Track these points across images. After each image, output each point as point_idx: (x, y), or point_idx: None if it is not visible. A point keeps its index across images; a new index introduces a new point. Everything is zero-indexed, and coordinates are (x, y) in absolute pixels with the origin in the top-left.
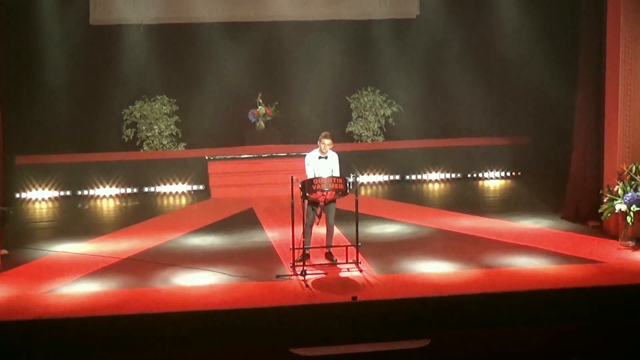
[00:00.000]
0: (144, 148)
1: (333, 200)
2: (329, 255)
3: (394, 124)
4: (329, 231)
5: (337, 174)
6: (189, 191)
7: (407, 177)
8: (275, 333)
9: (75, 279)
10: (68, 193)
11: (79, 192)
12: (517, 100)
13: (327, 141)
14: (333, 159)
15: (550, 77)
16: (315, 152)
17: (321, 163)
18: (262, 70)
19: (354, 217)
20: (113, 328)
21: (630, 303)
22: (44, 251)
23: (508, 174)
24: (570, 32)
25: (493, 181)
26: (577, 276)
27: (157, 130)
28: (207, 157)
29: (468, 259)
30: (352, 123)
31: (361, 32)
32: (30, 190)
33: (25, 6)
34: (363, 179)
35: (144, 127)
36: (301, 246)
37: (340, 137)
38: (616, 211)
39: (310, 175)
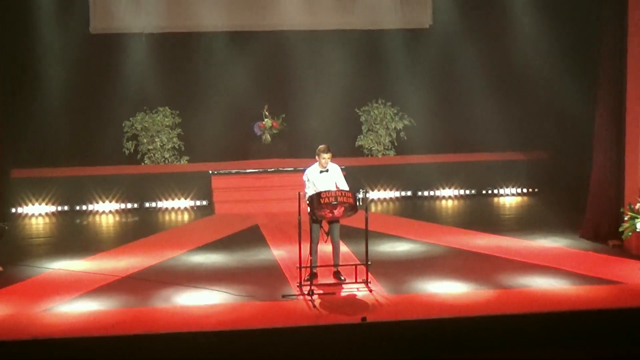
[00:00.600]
0: (145, 161)
1: (337, 220)
2: (337, 274)
3: (405, 137)
4: (336, 249)
5: (345, 186)
6: (191, 207)
7: (420, 193)
8: (281, 355)
9: (72, 297)
10: (66, 208)
11: (77, 207)
12: (534, 113)
13: (327, 155)
14: (335, 171)
15: (569, 90)
16: (315, 167)
17: (323, 177)
18: (269, 81)
19: (364, 235)
20: (111, 349)
21: None
22: (40, 268)
23: (525, 190)
24: (590, 43)
25: (509, 198)
26: (597, 297)
27: (158, 143)
28: (210, 172)
29: (483, 279)
30: (362, 137)
31: (372, 42)
32: (27, 204)
33: (23, 14)
34: (373, 195)
35: (145, 140)
36: (308, 265)
37: (350, 151)
38: (638, 230)
39: (309, 192)
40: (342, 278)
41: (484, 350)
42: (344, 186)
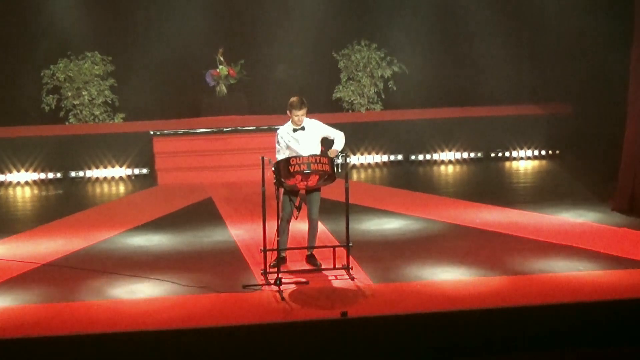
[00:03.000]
0: (70, 120)
1: (317, 189)
2: (311, 259)
3: (394, 88)
4: (312, 228)
5: (338, 137)
6: (128, 176)
7: (413, 157)
8: (242, 359)
9: None
10: None
11: None
12: (555, 59)
13: (300, 112)
14: (314, 127)
15: (597, 31)
16: (289, 125)
17: (299, 137)
18: (224, 20)
19: (343, 210)
20: (30, 354)
21: None
22: None
23: (543, 152)
24: None
25: (524, 162)
26: (632, 285)
27: (86, 97)
28: (152, 132)
29: (492, 263)
30: (340, 87)
31: None
32: None
33: None
34: (355, 159)
35: (69, 93)
36: (275, 247)
37: (326, 105)
38: None
39: (281, 156)
40: (318, 264)
41: (493, 351)
42: (336, 134)
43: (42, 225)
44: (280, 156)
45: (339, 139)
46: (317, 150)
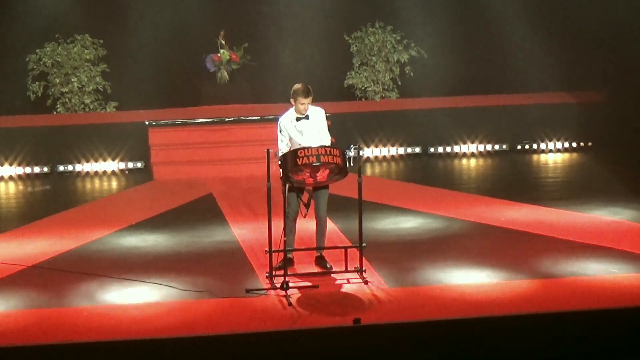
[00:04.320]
0: (58, 109)
1: (326, 185)
2: (320, 261)
3: (412, 74)
4: (320, 227)
5: (325, 138)
6: (121, 170)
7: (432, 149)
8: None
9: None
10: None
11: None
12: (588, 42)
13: (305, 100)
14: (318, 117)
15: (636, 15)
16: (291, 113)
17: (302, 127)
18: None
19: (356, 207)
20: None
21: None
22: None
23: (575, 144)
24: None
25: (553, 155)
26: None
27: (76, 84)
28: (147, 122)
29: (517, 265)
30: (353, 73)
31: None
32: None
33: None
34: (368, 152)
35: (57, 80)
36: (281, 248)
37: (337, 92)
38: None
39: (283, 148)
40: (328, 266)
41: None
42: (324, 136)
43: (28, 224)
44: (283, 147)
45: (323, 142)
46: (323, 141)
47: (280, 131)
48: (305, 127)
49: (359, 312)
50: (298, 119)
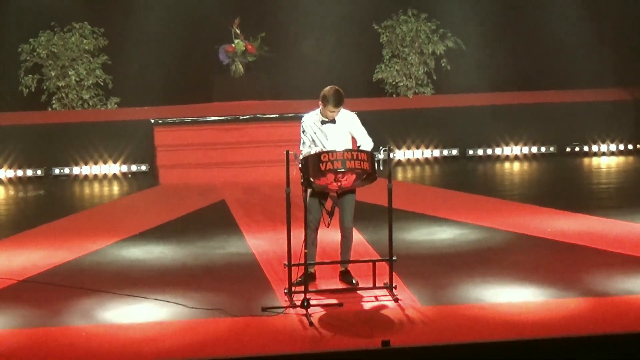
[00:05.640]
0: (54, 105)
1: (352, 190)
2: (345, 276)
3: (449, 67)
4: (346, 238)
5: (366, 141)
6: (124, 174)
7: (470, 151)
8: None
9: None
10: None
11: None
12: None
13: (336, 109)
14: (347, 121)
15: None
16: (317, 114)
17: (327, 131)
18: None
19: (385, 216)
20: None
21: None
22: None
23: (630, 146)
24: None
25: (606, 158)
26: None
27: (74, 78)
28: (152, 121)
29: (566, 281)
30: (382, 66)
31: None
32: None
33: None
34: (400, 154)
35: (53, 73)
36: (302, 261)
37: (365, 88)
38: None
39: (305, 150)
40: (354, 282)
41: None
42: (365, 140)
43: (19, 234)
44: (305, 149)
45: (365, 148)
46: (348, 146)
47: (303, 131)
48: (330, 131)
49: (388, 334)
50: (323, 122)
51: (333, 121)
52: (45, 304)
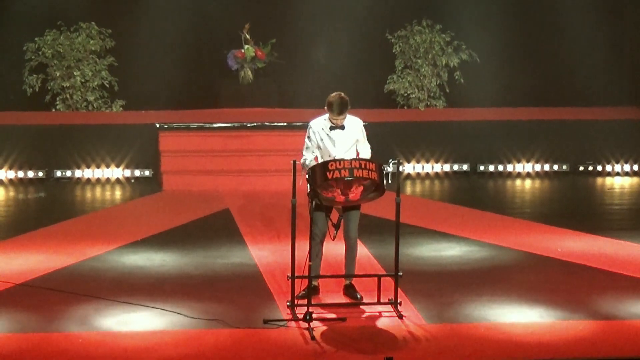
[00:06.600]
0: (58, 107)
1: (357, 204)
2: (349, 290)
3: (462, 80)
4: (350, 250)
5: (365, 152)
6: (127, 178)
7: (481, 167)
8: None
9: None
10: None
11: None
12: None
13: (340, 117)
14: (355, 128)
15: None
16: (325, 120)
17: (335, 137)
18: None
19: (392, 230)
20: None
21: None
22: None
23: None
24: None
25: (620, 178)
26: None
27: (79, 79)
28: (158, 125)
29: (575, 303)
30: (394, 77)
31: None
32: None
33: None
34: (409, 168)
35: (58, 73)
36: (305, 274)
37: (376, 99)
38: None
39: (308, 156)
40: (358, 296)
41: None
42: (364, 147)
43: (18, 236)
44: (308, 155)
45: (363, 155)
46: (354, 153)
47: (309, 137)
48: (338, 137)
49: (392, 351)
50: (332, 128)
51: (342, 127)
52: (42, 309)
